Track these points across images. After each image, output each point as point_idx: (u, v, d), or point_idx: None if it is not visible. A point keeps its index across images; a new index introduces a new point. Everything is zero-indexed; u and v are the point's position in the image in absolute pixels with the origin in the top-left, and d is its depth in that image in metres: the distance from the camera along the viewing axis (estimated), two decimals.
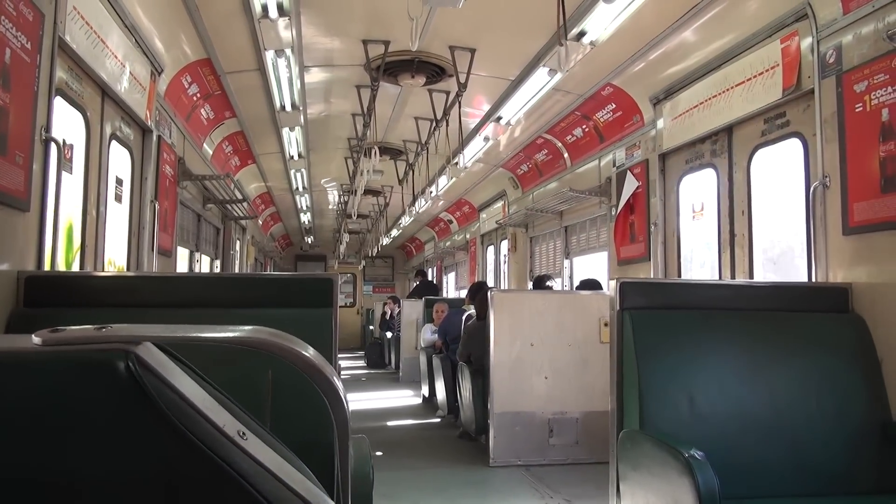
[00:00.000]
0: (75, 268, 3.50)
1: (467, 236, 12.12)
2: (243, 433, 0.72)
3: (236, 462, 0.70)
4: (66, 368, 0.67)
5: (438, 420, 6.87)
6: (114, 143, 4.05)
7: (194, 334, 0.77)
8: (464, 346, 5.87)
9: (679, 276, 5.00)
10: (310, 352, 0.84)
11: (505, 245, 9.81)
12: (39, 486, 0.68)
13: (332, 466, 2.19)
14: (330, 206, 12.88)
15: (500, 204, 9.77)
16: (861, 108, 3.00)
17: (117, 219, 4.24)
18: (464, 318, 6.67)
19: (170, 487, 0.70)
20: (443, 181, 7.80)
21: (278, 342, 0.81)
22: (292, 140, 7.12)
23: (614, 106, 5.70)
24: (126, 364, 0.66)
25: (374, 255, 16.44)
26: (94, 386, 0.67)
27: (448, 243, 13.69)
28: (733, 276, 4.34)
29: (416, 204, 9.31)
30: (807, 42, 3.48)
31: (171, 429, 0.67)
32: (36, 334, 0.68)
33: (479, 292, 6.16)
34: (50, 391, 0.67)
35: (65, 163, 3.15)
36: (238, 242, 9.42)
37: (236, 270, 9.10)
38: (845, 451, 2.64)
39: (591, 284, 5.86)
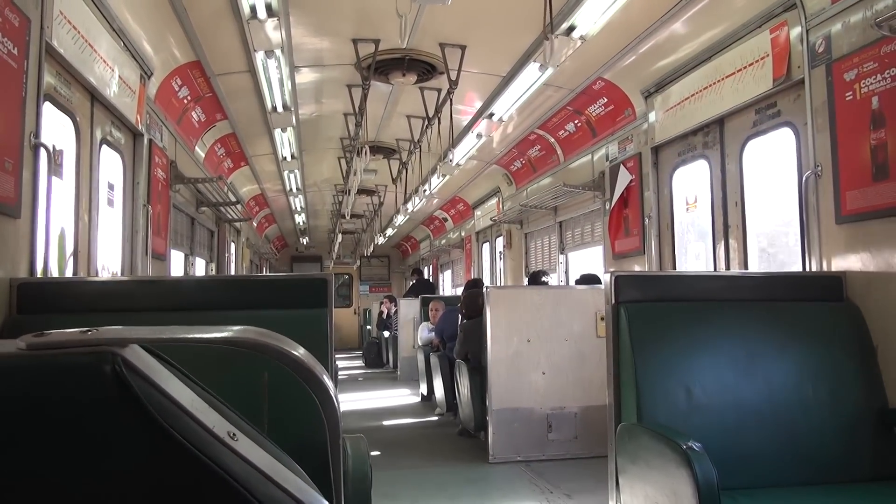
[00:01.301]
0: (68, 273, 3.48)
1: (462, 234, 12.12)
2: (233, 434, 0.71)
3: (226, 463, 0.69)
4: (51, 372, 0.66)
5: (437, 418, 6.87)
6: (104, 147, 4.03)
7: (182, 335, 0.76)
8: (461, 344, 5.87)
9: (674, 268, 5.01)
10: (299, 351, 0.83)
11: (500, 242, 9.81)
12: (27, 490, 0.67)
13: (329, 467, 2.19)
14: (324, 207, 12.86)
15: (494, 201, 9.77)
16: (851, 97, 3.00)
17: (110, 224, 4.22)
18: (460, 315, 6.67)
19: (159, 489, 0.69)
20: (436, 179, 7.80)
21: (266, 341, 0.80)
22: (284, 141, 7.11)
23: (606, 100, 5.70)
24: (112, 367, 0.65)
25: (370, 254, 16.43)
26: (81, 389, 0.67)
27: (443, 241, 13.69)
28: (727, 267, 4.35)
29: (411, 202, 9.31)
30: (796, 32, 3.48)
31: (159, 431, 0.66)
32: (21, 339, 0.67)
33: (467, 291, 6.18)
34: (36, 395, 0.66)
35: (55, 168, 3.14)
36: (233, 245, 9.40)
37: (232, 273, 9.08)
38: (842, 439, 2.64)
39: (590, 279, 5.86)
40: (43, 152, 2.86)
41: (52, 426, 0.67)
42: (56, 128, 3.33)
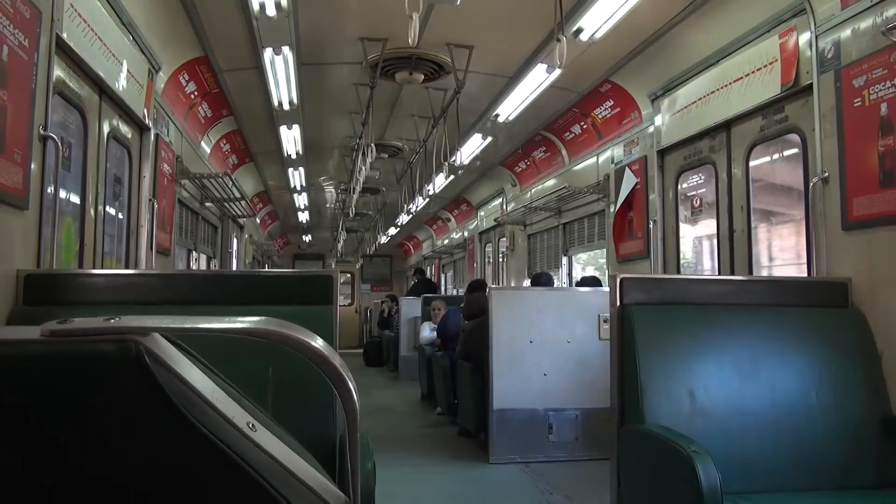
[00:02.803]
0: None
1: (465, 234, 12.11)
2: (252, 425, 0.72)
3: (246, 454, 0.70)
4: (74, 360, 0.67)
5: (437, 417, 6.87)
6: (112, 141, 4.04)
7: (203, 325, 0.76)
8: (463, 344, 5.87)
9: (678, 272, 5.00)
10: (318, 342, 0.84)
11: (503, 242, 9.81)
12: (49, 479, 0.68)
13: (332, 463, 2.20)
14: (328, 205, 12.86)
15: (498, 201, 9.77)
16: (860, 103, 3.00)
17: (116, 217, 4.22)
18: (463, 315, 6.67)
19: (180, 478, 0.69)
20: (440, 179, 7.80)
21: (288, 333, 0.80)
22: (290, 138, 7.11)
23: (612, 102, 5.70)
24: (135, 355, 0.66)
25: (372, 253, 16.43)
26: (104, 377, 0.67)
27: (446, 241, 13.69)
28: (732, 272, 4.34)
29: (414, 202, 9.31)
30: (805, 37, 3.48)
31: (181, 420, 0.66)
32: (43, 326, 0.68)
33: (470, 292, 6.19)
34: (58, 383, 0.67)
35: (63, 161, 3.14)
36: (236, 241, 9.41)
37: (234, 269, 9.09)
38: (845, 445, 2.64)
39: (590, 282, 5.87)
40: (51, 144, 2.87)
41: (73, 413, 0.67)
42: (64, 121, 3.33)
